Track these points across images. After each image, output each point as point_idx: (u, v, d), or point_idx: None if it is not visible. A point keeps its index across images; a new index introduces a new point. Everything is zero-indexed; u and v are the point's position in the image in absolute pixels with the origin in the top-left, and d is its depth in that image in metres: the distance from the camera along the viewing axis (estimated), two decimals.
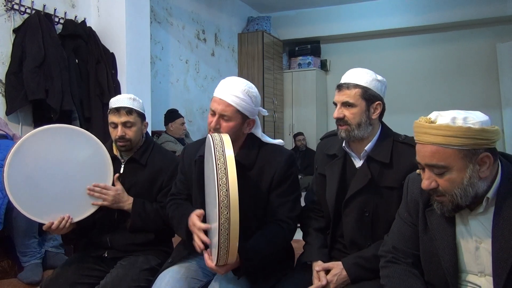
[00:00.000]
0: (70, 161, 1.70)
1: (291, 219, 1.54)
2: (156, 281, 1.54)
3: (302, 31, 7.00)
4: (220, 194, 1.17)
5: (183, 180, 1.69)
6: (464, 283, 1.18)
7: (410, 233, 1.27)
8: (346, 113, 1.49)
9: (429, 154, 1.09)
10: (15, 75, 2.93)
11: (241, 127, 1.52)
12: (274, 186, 1.53)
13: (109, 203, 1.74)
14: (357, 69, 1.53)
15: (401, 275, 1.23)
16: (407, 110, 6.48)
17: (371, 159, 1.50)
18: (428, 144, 1.09)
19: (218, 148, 1.24)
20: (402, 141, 1.52)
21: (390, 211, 1.47)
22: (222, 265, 1.30)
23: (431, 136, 1.08)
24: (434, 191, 1.12)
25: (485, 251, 1.12)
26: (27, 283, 2.12)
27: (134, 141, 1.83)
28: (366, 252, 1.47)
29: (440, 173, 1.09)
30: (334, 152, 1.59)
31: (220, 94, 1.49)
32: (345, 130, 1.50)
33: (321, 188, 1.62)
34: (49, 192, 1.65)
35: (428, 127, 1.09)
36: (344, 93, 1.49)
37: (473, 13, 6.02)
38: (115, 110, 1.80)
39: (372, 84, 1.49)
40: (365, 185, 1.48)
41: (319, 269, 1.49)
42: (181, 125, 4.27)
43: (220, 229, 1.18)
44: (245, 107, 1.48)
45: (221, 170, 1.19)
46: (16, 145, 1.59)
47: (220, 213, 1.17)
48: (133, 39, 3.60)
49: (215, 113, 1.50)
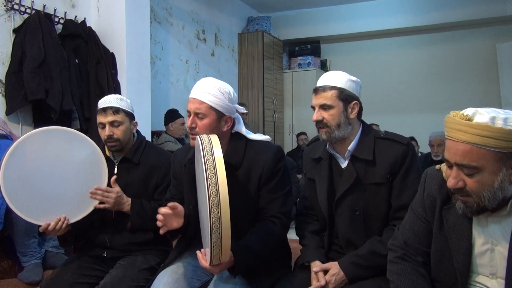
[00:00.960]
0: (65, 162, 1.70)
1: (283, 214, 1.54)
2: (155, 280, 1.55)
3: (302, 31, 7.00)
4: (210, 194, 1.18)
5: (175, 185, 1.72)
6: (474, 283, 1.17)
7: (422, 230, 1.25)
8: (325, 115, 1.52)
9: (461, 152, 1.03)
10: (15, 75, 2.93)
11: (217, 124, 1.52)
12: (264, 183, 1.53)
13: (110, 205, 1.75)
14: (331, 72, 1.57)
15: (411, 274, 1.22)
16: (407, 110, 6.49)
17: (355, 158, 1.53)
18: (462, 142, 1.02)
19: (206, 148, 1.25)
20: (383, 137, 1.55)
21: (380, 207, 1.50)
22: (216, 264, 1.30)
23: (467, 134, 1.01)
24: (459, 190, 1.07)
25: (499, 254, 1.11)
26: (27, 283, 2.13)
27: (123, 141, 1.83)
28: (362, 250, 1.48)
29: (470, 173, 1.03)
30: (319, 155, 1.62)
31: (193, 94, 1.54)
32: (326, 132, 1.53)
33: (312, 192, 1.64)
34: (45, 194, 1.66)
35: (465, 124, 1.02)
36: (320, 95, 1.53)
37: (473, 13, 6.02)
38: (102, 110, 1.81)
39: (347, 84, 1.52)
40: (352, 184, 1.50)
41: (317, 269, 1.49)
42: (181, 125, 4.27)
43: (212, 228, 1.18)
44: (217, 103, 1.50)
45: (210, 170, 1.20)
46: (11, 147, 1.59)
47: (211, 212, 1.18)
48: (133, 39, 3.60)
49: (191, 113, 1.53)
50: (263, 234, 1.48)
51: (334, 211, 1.56)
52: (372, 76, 6.61)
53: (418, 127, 5.65)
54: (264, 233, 1.49)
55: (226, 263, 1.34)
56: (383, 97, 6.57)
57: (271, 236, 1.50)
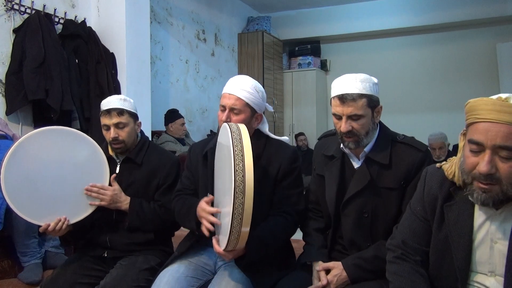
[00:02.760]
0: (66, 162, 1.70)
1: (296, 212, 1.57)
2: (156, 280, 1.55)
3: (302, 31, 7.00)
4: (236, 179, 1.20)
5: (189, 176, 1.72)
6: (472, 282, 1.17)
7: (421, 229, 1.25)
8: (354, 125, 1.43)
9: (503, 134, 0.99)
10: (15, 75, 2.93)
11: (250, 120, 1.57)
12: (280, 179, 1.57)
13: (106, 203, 1.75)
14: (352, 77, 1.45)
15: (410, 274, 1.22)
16: (407, 110, 6.48)
17: (370, 160, 1.49)
18: (505, 123, 0.99)
19: (235, 135, 1.27)
20: (401, 141, 1.51)
21: (389, 212, 1.47)
22: (230, 250, 1.32)
23: (510, 114, 0.98)
24: (489, 177, 1.02)
25: (499, 251, 1.11)
26: (27, 283, 2.12)
27: (128, 142, 1.83)
28: (366, 253, 1.46)
29: (508, 157, 0.99)
30: (331, 153, 1.58)
31: (229, 90, 1.56)
32: (354, 141, 1.45)
33: (320, 188, 1.62)
34: (46, 194, 1.65)
35: (508, 105, 1.00)
36: (349, 105, 1.41)
37: (473, 13, 6.02)
38: (106, 112, 1.81)
39: (373, 89, 1.45)
40: (364, 186, 1.47)
41: (319, 268, 1.49)
42: (181, 125, 4.27)
43: (234, 213, 1.20)
44: (253, 100, 1.56)
45: (238, 156, 1.22)
46: (12, 148, 1.59)
47: (235, 197, 1.20)
48: (133, 39, 3.60)
49: (225, 108, 1.56)
50: (276, 228, 1.51)
51: (341, 211, 1.53)
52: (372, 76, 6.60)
53: (418, 127, 5.64)
54: (277, 227, 1.51)
55: (239, 250, 1.36)
56: (383, 97, 6.45)
57: (283, 231, 1.53)
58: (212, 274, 1.61)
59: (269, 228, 1.49)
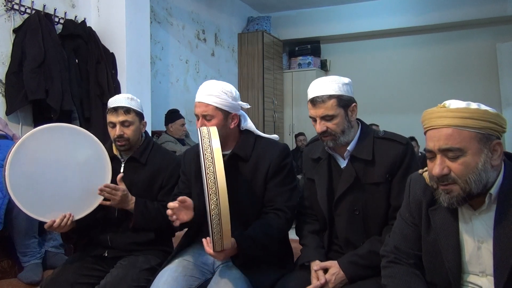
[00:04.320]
0: (69, 159, 1.71)
1: (288, 208, 1.59)
2: (155, 279, 1.56)
3: (302, 31, 6.99)
4: (208, 182, 1.22)
5: (184, 180, 1.76)
6: (466, 283, 1.17)
7: (411, 234, 1.27)
8: (329, 125, 1.51)
9: (444, 137, 1.07)
10: (15, 75, 2.93)
11: (225, 123, 1.59)
12: (270, 177, 1.58)
13: (115, 203, 1.75)
14: (322, 80, 1.54)
15: (404, 275, 1.23)
16: (407, 110, 6.48)
17: (354, 158, 1.53)
18: (444, 127, 1.07)
19: (205, 139, 1.31)
20: (382, 136, 1.55)
21: (379, 207, 1.51)
22: (220, 250, 1.34)
23: (448, 118, 1.07)
24: (445, 178, 1.08)
25: (486, 251, 1.12)
26: (27, 283, 2.13)
27: (132, 141, 1.84)
28: (361, 250, 1.49)
29: (455, 156, 1.06)
30: (318, 155, 1.63)
31: (198, 98, 1.59)
32: (331, 140, 1.52)
33: (312, 192, 1.65)
34: (50, 191, 1.66)
35: (445, 110, 1.09)
36: (320, 107, 1.51)
37: (473, 13, 6.01)
38: (113, 110, 1.82)
39: (342, 89, 1.51)
40: (351, 184, 1.51)
41: (317, 268, 1.50)
42: (181, 126, 4.27)
43: (211, 215, 1.22)
44: (222, 103, 1.56)
45: (208, 159, 1.25)
46: (16, 145, 1.60)
47: (210, 199, 1.22)
48: (133, 39, 3.60)
49: (199, 117, 1.59)
50: (267, 226, 1.52)
51: (333, 211, 1.57)
52: (372, 76, 6.61)
53: (418, 127, 5.61)
54: (268, 224, 1.53)
55: (230, 250, 1.38)
56: (383, 97, 6.56)
57: (275, 228, 1.54)
58: (211, 274, 1.61)
59: (261, 227, 1.51)
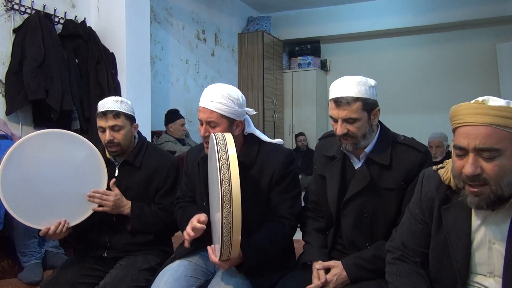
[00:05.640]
0: (64, 165, 1.69)
1: (292, 216, 1.57)
2: (156, 279, 1.55)
3: (302, 31, 6.99)
4: (222, 189, 1.21)
5: (187, 183, 1.73)
6: (472, 283, 1.17)
7: (420, 231, 1.25)
8: (350, 128, 1.45)
9: (482, 135, 1.01)
10: (15, 75, 2.93)
11: (230, 130, 1.53)
12: (274, 184, 1.56)
13: (109, 208, 1.74)
14: (348, 80, 1.46)
15: (409, 274, 1.22)
16: (407, 110, 6.49)
17: (370, 161, 1.50)
18: (483, 125, 1.01)
19: (221, 145, 1.28)
20: (401, 142, 1.51)
21: (389, 213, 1.47)
22: (225, 259, 1.33)
23: (488, 116, 1.01)
24: (475, 178, 1.03)
25: (497, 252, 1.11)
26: (27, 283, 2.12)
27: (124, 145, 1.81)
28: (366, 253, 1.47)
29: (491, 157, 1.01)
30: (332, 153, 1.59)
31: (202, 103, 1.54)
32: (351, 143, 1.47)
33: (321, 189, 1.62)
34: (44, 198, 1.65)
35: (485, 107, 1.02)
36: (344, 108, 1.43)
37: (473, 13, 6.01)
38: (102, 114, 1.78)
39: (369, 92, 1.46)
40: (364, 187, 1.47)
41: (319, 267, 1.49)
42: (181, 126, 4.27)
43: (223, 222, 1.21)
44: (227, 110, 1.51)
45: (224, 166, 1.23)
46: (8, 151, 1.58)
47: (223, 207, 1.20)
48: (133, 39, 3.60)
49: (203, 122, 1.54)
50: (272, 234, 1.51)
51: (341, 211, 1.54)
52: (372, 76, 6.45)
53: (418, 127, 5.65)
54: (273, 232, 1.51)
55: (235, 259, 1.36)
56: (383, 97, 6.50)
57: (279, 236, 1.53)
58: (212, 274, 1.61)
59: (266, 235, 1.49)
